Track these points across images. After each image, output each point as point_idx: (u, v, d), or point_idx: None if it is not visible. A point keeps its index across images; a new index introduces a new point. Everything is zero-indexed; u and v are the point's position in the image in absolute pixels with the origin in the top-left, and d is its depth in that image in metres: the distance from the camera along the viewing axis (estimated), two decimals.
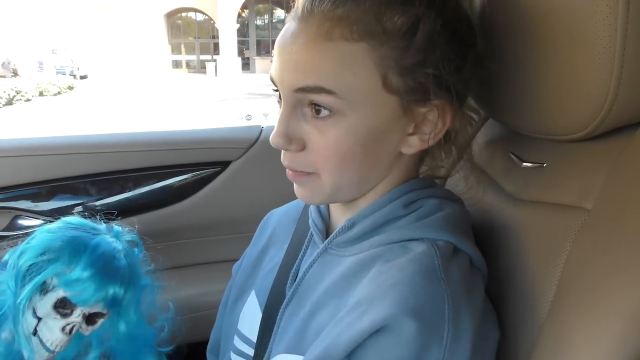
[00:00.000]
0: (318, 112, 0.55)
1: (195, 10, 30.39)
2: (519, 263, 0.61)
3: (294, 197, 0.74)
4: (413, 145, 0.60)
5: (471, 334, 0.50)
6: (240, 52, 29.92)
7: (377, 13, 0.53)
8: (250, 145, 1.33)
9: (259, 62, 29.14)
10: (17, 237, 1.21)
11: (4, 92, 13.15)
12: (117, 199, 1.28)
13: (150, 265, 0.80)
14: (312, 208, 0.71)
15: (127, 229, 0.79)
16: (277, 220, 0.83)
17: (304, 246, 0.70)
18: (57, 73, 22.98)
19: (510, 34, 0.61)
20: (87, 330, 0.70)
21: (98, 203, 1.26)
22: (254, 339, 0.70)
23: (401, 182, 0.63)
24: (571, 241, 0.54)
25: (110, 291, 0.69)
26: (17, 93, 13.86)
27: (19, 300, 0.65)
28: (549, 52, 0.55)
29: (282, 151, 0.60)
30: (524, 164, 0.67)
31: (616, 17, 0.46)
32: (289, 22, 0.58)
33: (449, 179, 0.88)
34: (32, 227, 1.22)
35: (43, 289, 0.67)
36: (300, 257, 0.69)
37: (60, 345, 0.68)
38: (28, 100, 14.30)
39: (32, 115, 11.51)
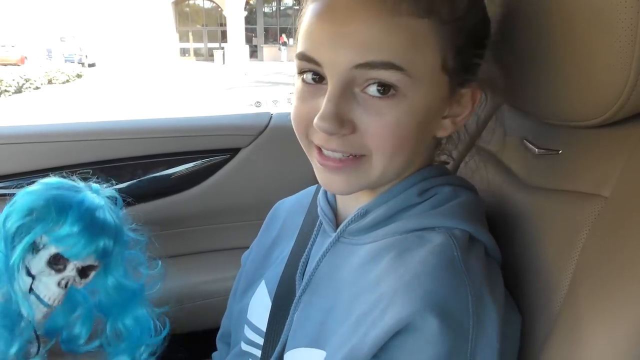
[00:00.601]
0: (382, 91, 0.52)
1: None
2: (534, 251, 0.60)
3: (303, 184, 0.73)
4: (446, 128, 0.59)
5: (496, 323, 0.50)
6: (248, 40, 29.82)
7: None
8: (260, 132, 1.32)
9: (266, 50, 29.04)
10: None
11: (14, 80, 13.21)
12: (125, 186, 1.28)
13: (132, 223, 0.82)
14: (320, 196, 0.70)
15: (105, 185, 0.81)
16: (288, 211, 0.82)
17: (313, 235, 0.69)
18: (66, 61, 23.04)
19: (528, 18, 0.60)
20: (80, 283, 0.73)
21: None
22: (264, 328, 0.70)
23: (418, 169, 0.62)
24: (588, 229, 0.53)
25: (101, 243, 0.71)
26: (26, 81, 13.91)
27: (12, 261, 0.67)
28: (567, 36, 0.53)
29: (322, 134, 0.55)
30: (539, 150, 0.66)
31: None
32: None
33: (460, 166, 0.87)
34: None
35: (34, 248, 0.69)
36: (309, 246, 0.68)
37: (58, 299, 0.71)
38: (37, 88, 14.36)
39: (41, 103, 11.56)
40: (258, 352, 0.70)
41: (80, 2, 27.18)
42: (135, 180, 1.27)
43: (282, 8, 31.52)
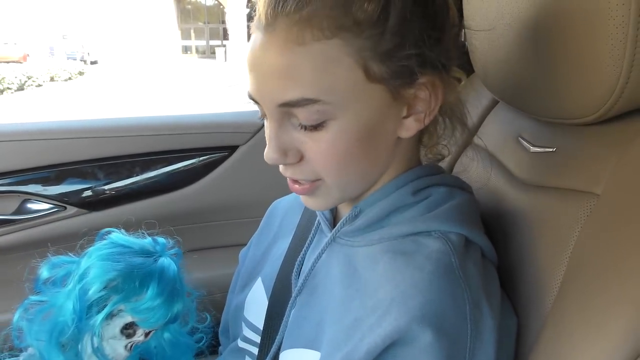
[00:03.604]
0: (307, 129, 0.53)
1: None
2: (528, 248, 0.60)
3: None
4: (410, 127, 0.57)
5: (493, 331, 0.50)
6: (250, 37, 29.72)
7: (345, 5, 0.49)
8: (258, 129, 1.32)
9: None
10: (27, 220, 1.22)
11: (16, 77, 13.21)
12: (125, 183, 1.28)
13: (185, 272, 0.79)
14: None
15: (168, 239, 0.77)
16: (285, 209, 0.82)
17: (311, 235, 0.68)
18: (68, 58, 23.02)
19: (521, 15, 0.59)
20: (142, 342, 0.72)
21: (106, 187, 1.27)
22: (260, 325, 0.70)
23: (406, 168, 0.61)
24: (580, 226, 0.53)
25: (174, 310, 0.70)
26: (29, 78, 13.90)
27: (94, 331, 0.66)
28: (560, 33, 0.53)
29: (281, 166, 0.58)
30: (534, 148, 0.66)
31: None
32: (254, 34, 0.54)
33: (456, 164, 0.87)
34: (43, 211, 1.23)
35: (110, 314, 0.68)
36: (306, 246, 0.68)
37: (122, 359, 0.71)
38: (39, 85, 14.35)
39: (43, 100, 11.57)
40: (254, 349, 0.70)
41: (82, 0, 27.17)
42: (133, 178, 1.28)
43: None
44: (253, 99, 0.56)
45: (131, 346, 0.70)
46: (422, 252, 0.53)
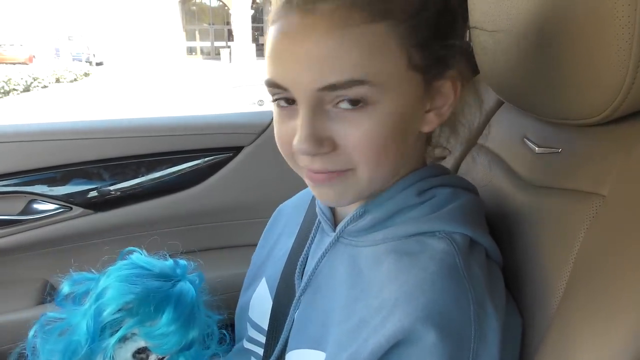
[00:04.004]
0: (353, 104, 0.51)
1: None
2: (533, 249, 0.60)
3: (305, 183, 0.73)
4: (431, 121, 0.57)
5: (497, 331, 0.50)
6: (255, 39, 29.81)
7: None
8: (262, 130, 1.32)
9: None
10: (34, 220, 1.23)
11: (22, 78, 13.28)
12: (130, 184, 1.29)
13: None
14: None
15: (190, 262, 0.76)
16: (289, 211, 0.82)
17: (312, 233, 0.68)
18: (73, 60, 23.15)
19: (527, 16, 0.59)
20: None
21: (112, 188, 1.27)
22: (265, 325, 0.70)
23: (414, 168, 0.61)
24: (586, 228, 0.53)
25: (190, 337, 0.68)
26: (34, 80, 13.97)
27: (106, 354, 0.64)
28: (566, 34, 0.53)
29: (308, 157, 0.54)
30: (539, 149, 0.65)
31: None
32: (284, 17, 0.52)
33: (461, 164, 0.87)
34: (49, 212, 1.23)
35: (123, 337, 0.66)
36: (307, 245, 0.68)
37: None
38: (45, 87, 14.41)
39: (49, 101, 11.62)
40: (259, 350, 0.70)
41: (87, 1, 27.29)
42: (138, 179, 1.28)
43: None
44: (279, 86, 0.54)
45: None
46: (427, 252, 0.53)
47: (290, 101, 0.54)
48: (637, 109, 0.52)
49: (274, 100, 0.56)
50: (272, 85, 0.54)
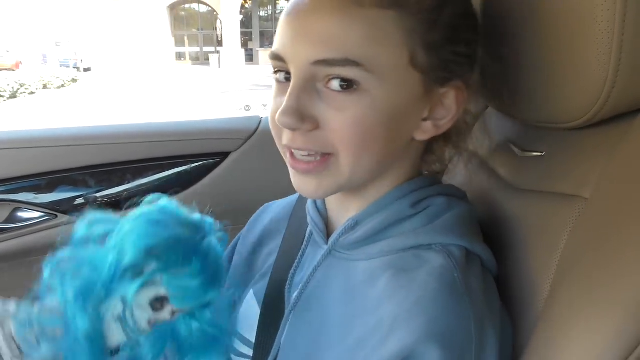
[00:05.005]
0: (344, 86, 0.50)
1: (199, 2, 30.29)
2: (518, 253, 0.60)
3: (293, 188, 0.72)
4: (427, 131, 0.56)
5: (495, 344, 0.50)
6: (244, 44, 29.83)
7: None
8: (249, 135, 1.32)
9: (262, 54, 29.02)
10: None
11: (8, 85, 13.17)
12: (116, 191, 1.28)
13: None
14: (309, 205, 0.67)
15: (216, 222, 0.72)
16: (272, 215, 0.80)
17: (303, 245, 0.66)
18: (61, 66, 22.94)
19: (508, 20, 0.60)
20: (165, 321, 0.66)
21: (98, 195, 1.26)
22: (253, 339, 0.67)
23: (407, 178, 0.60)
24: (569, 229, 0.53)
25: (209, 296, 0.65)
26: (21, 86, 13.86)
27: (127, 298, 0.61)
28: (547, 38, 0.54)
29: (288, 132, 0.54)
30: (522, 152, 0.66)
31: (615, 0, 0.45)
32: None
33: (446, 170, 0.87)
34: (34, 220, 1.22)
35: (145, 282, 0.63)
36: (299, 257, 0.66)
37: (142, 334, 0.64)
38: (32, 93, 14.31)
39: (36, 108, 11.53)
40: None
41: (75, 7, 27.15)
42: (124, 185, 1.27)
43: (277, 11, 31.52)
44: (278, 57, 0.54)
45: (154, 323, 0.64)
46: (424, 267, 0.52)
47: (288, 77, 0.54)
48: (617, 112, 0.53)
49: (274, 74, 0.57)
50: (273, 57, 0.55)
